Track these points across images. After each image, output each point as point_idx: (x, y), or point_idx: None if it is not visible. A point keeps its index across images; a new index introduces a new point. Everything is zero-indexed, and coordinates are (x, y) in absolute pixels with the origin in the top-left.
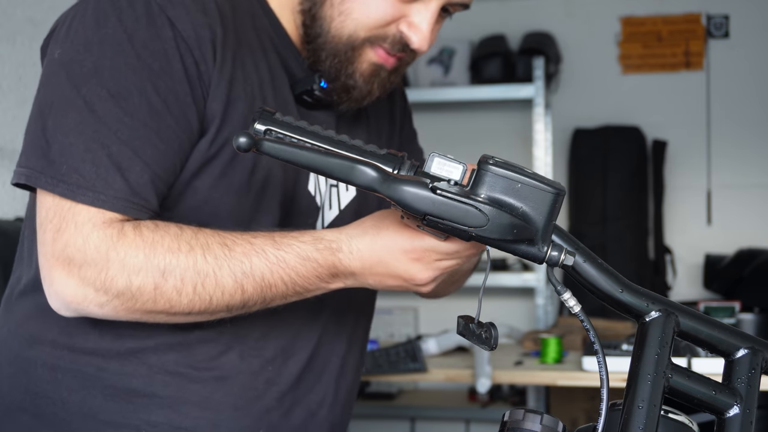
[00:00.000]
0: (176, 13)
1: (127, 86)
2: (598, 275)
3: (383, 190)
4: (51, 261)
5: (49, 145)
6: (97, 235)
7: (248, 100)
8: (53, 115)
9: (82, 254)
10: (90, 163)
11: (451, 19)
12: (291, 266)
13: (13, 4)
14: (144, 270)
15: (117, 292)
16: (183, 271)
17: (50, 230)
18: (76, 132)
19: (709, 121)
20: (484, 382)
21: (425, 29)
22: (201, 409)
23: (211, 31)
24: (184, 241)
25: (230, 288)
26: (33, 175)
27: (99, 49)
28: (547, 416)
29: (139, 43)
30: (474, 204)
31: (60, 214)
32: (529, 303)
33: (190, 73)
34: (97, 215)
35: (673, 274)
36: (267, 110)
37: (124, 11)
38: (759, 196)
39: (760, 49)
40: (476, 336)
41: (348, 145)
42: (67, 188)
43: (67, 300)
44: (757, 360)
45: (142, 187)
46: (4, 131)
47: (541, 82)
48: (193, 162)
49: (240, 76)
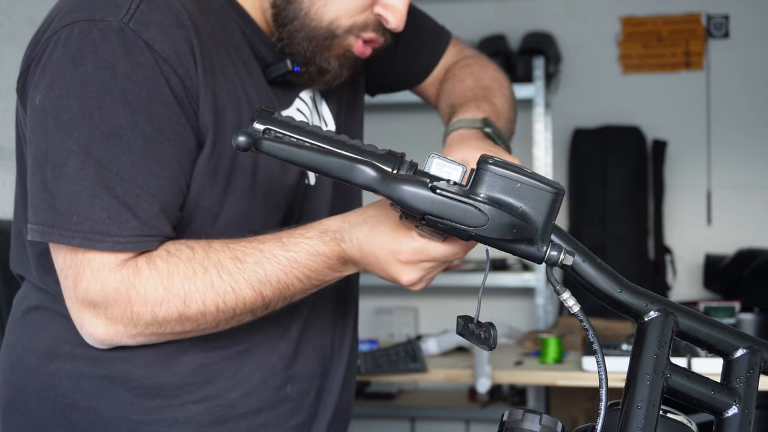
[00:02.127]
0: (152, 35)
1: (119, 123)
2: (597, 275)
3: (383, 189)
4: (77, 305)
5: (53, 197)
6: (114, 278)
7: (234, 105)
8: (51, 166)
9: (104, 298)
10: (99, 208)
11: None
12: (303, 264)
13: (13, 4)
14: (166, 301)
15: (145, 323)
16: (203, 294)
17: (71, 277)
18: (78, 179)
19: (709, 121)
20: (484, 382)
21: (401, 8)
22: (231, 383)
23: (188, 43)
24: (198, 264)
25: (251, 298)
26: (46, 231)
27: (82, 91)
28: (546, 416)
29: (121, 75)
30: (473, 203)
31: (76, 262)
32: (529, 303)
33: (177, 93)
34: (110, 259)
35: (673, 274)
36: (266, 109)
37: (98, 44)
38: (759, 196)
39: (760, 49)
40: (475, 336)
41: (347, 145)
42: (83, 238)
43: (101, 338)
44: (756, 360)
45: (155, 220)
46: (4, 131)
47: (541, 82)
48: (197, 179)
49: (222, 82)
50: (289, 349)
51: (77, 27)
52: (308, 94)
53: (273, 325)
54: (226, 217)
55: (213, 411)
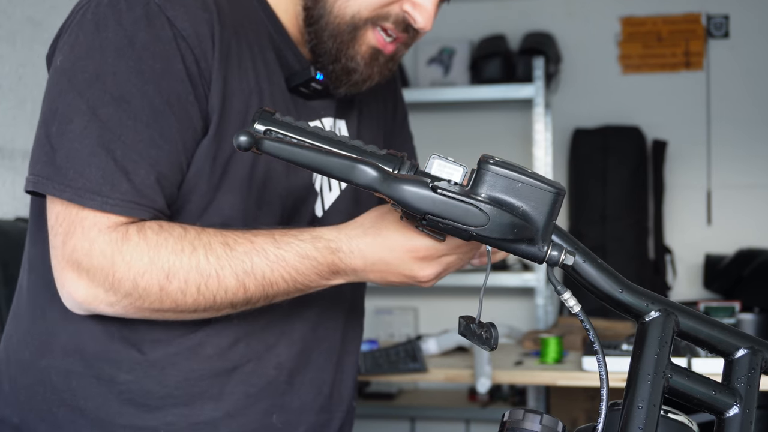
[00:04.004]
0: (175, 12)
1: (129, 89)
2: (597, 275)
3: (384, 189)
4: (62, 263)
5: (54, 151)
6: (103, 239)
7: (244, 95)
8: (58, 122)
9: (89, 258)
10: (95, 167)
11: (449, 3)
12: (291, 264)
13: (13, 4)
14: (149, 272)
15: (125, 292)
16: (186, 272)
17: (60, 234)
18: (81, 137)
19: (709, 121)
20: (484, 382)
21: (429, 8)
22: (215, 402)
23: (209, 26)
24: (188, 242)
25: (233, 287)
26: (40, 181)
27: (100, 55)
28: (546, 416)
29: (139, 45)
30: (474, 203)
31: (68, 219)
32: (529, 303)
33: (191, 71)
34: (102, 219)
35: (673, 274)
36: (267, 110)
37: (123, 14)
38: (759, 196)
39: (760, 49)
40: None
41: (348, 145)
42: (74, 193)
43: (79, 300)
44: (757, 360)
45: (149, 188)
46: (4, 131)
47: (541, 82)
48: (197, 161)
49: (236, 71)
50: (279, 376)
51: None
52: (330, 121)
53: (263, 348)
54: (219, 204)
55: (195, 428)
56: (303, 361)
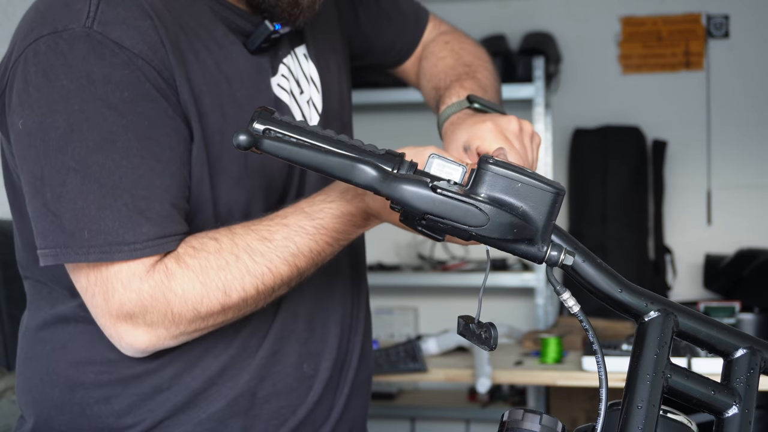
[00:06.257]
0: (119, 33)
1: (109, 129)
2: (597, 275)
3: (383, 189)
4: (111, 321)
5: (59, 218)
6: (148, 285)
7: (212, 88)
8: (50, 187)
9: (141, 307)
10: (109, 219)
11: None
12: (331, 228)
13: (12, 4)
14: (206, 296)
15: (188, 322)
16: (241, 281)
17: (98, 294)
18: (82, 194)
19: (709, 121)
20: (484, 382)
21: None
22: (253, 374)
23: (156, 33)
24: (228, 253)
25: (287, 273)
26: (59, 253)
27: (64, 105)
28: (546, 416)
29: (99, 81)
30: (474, 203)
31: (101, 278)
32: (529, 303)
33: (158, 86)
34: (138, 267)
35: (673, 274)
36: (266, 110)
37: (68, 55)
38: (759, 196)
39: (760, 49)
40: (476, 336)
41: (347, 145)
42: (99, 253)
43: (143, 347)
44: (756, 360)
45: (168, 219)
46: None
47: (541, 82)
48: (194, 170)
49: (196, 67)
50: (301, 329)
51: (42, 43)
52: (292, 59)
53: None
54: (227, 202)
55: (235, 403)
56: (316, 309)
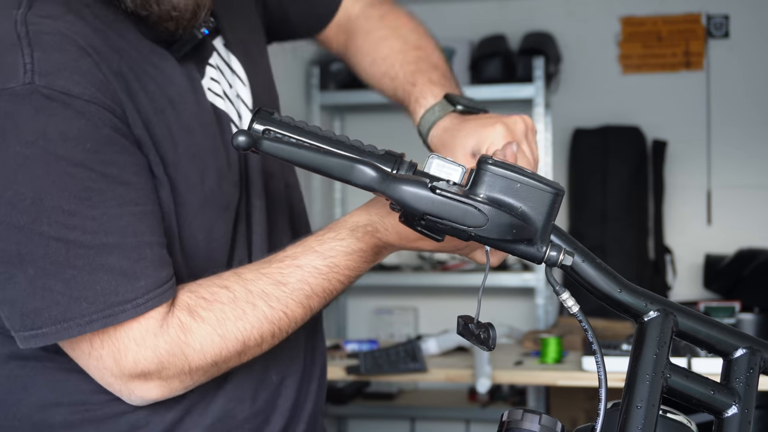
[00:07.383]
0: (63, 81)
1: (80, 186)
2: (596, 275)
3: (383, 189)
4: (123, 380)
5: (50, 291)
6: (164, 341)
7: (159, 116)
8: (30, 263)
9: (158, 364)
10: (104, 281)
11: None
12: (343, 266)
13: None
14: (225, 348)
15: (204, 372)
16: (259, 329)
17: (106, 356)
18: (69, 262)
19: (709, 121)
20: (484, 382)
21: None
22: None
23: (99, 70)
24: (243, 302)
25: (301, 315)
26: (60, 329)
27: (24, 173)
28: (545, 416)
29: (56, 140)
30: (473, 204)
31: (110, 341)
32: (529, 303)
33: (114, 126)
34: (148, 322)
35: (673, 274)
36: (265, 110)
37: (16, 117)
38: (759, 196)
39: (760, 49)
40: (475, 336)
41: (346, 145)
42: (103, 318)
43: (155, 398)
44: (756, 360)
45: (163, 263)
46: None
47: (541, 82)
48: (163, 206)
49: (142, 96)
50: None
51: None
52: (216, 57)
53: None
54: (190, 233)
55: (213, 429)
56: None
